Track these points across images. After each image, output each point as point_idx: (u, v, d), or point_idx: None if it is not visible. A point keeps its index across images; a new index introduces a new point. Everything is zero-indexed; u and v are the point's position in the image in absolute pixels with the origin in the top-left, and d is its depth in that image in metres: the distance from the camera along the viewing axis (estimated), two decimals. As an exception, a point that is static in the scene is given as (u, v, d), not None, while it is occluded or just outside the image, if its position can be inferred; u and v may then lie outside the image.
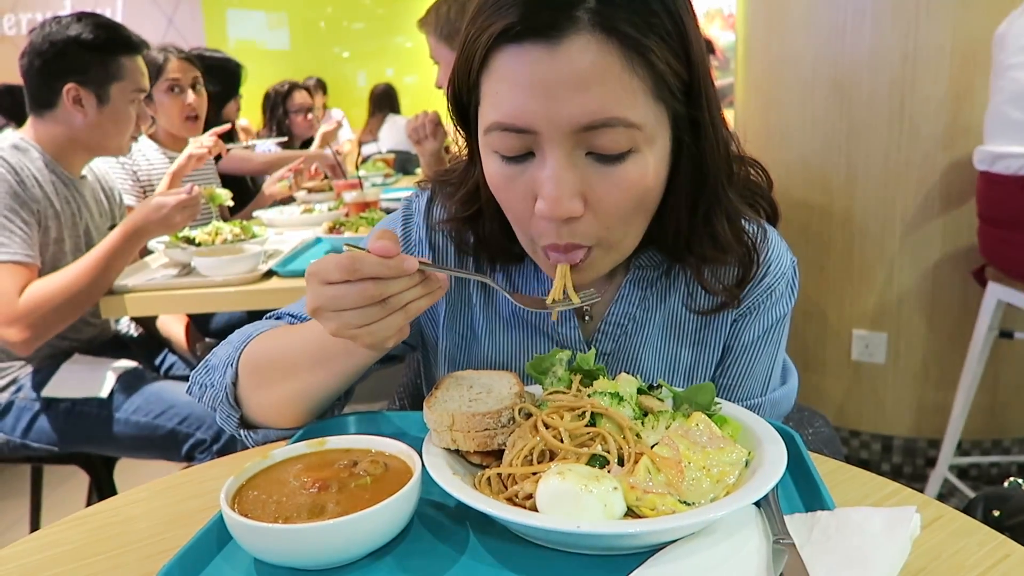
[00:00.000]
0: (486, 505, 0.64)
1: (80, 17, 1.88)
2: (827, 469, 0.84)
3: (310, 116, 4.28)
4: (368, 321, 0.73)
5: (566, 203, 0.75)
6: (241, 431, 0.95)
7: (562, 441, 0.70)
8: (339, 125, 3.73)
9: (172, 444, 1.88)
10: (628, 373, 0.85)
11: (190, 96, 2.70)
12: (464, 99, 0.83)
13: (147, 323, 2.34)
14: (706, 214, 0.87)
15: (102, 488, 2.06)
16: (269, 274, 1.99)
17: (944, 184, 2.54)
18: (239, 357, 0.93)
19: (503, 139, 0.77)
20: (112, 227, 2.00)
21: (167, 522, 0.77)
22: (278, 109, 4.25)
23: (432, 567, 0.66)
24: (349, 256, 0.72)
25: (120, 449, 1.97)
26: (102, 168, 2.18)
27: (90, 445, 1.93)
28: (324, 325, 0.76)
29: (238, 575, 0.66)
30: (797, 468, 0.79)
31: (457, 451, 0.76)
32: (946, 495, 2.62)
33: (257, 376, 0.92)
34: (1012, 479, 1.17)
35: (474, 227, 0.95)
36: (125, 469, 2.21)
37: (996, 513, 1.12)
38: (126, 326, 2.35)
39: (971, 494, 2.52)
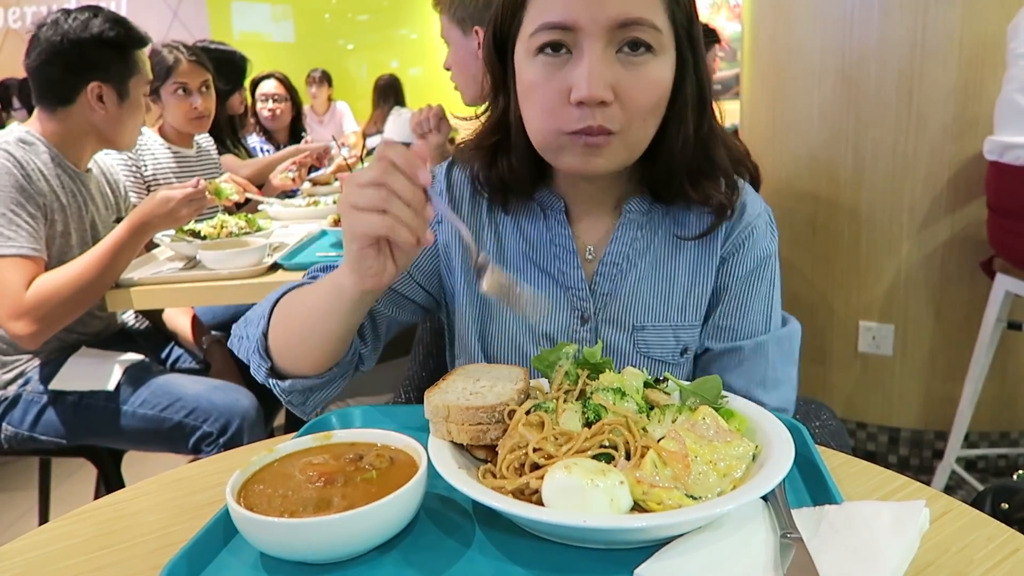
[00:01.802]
0: (491, 499, 0.63)
1: (95, 12, 1.88)
2: (835, 463, 0.83)
3: (272, 106, 4.20)
4: (367, 204, 0.77)
5: (601, 88, 0.88)
6: (270, 380, 1.00)
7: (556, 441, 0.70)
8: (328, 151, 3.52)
9: (179, 437, 1.88)
10: (626, 311, 1.02)
11: (197, 100, 2.68)
12: (505, 27, 0.97)
13: (153, 316, 2.35)
14: (707, 133, 1.00)
15: (109, 481, 2.07)
16: (275, 267, 1.99)
17: (952, 175, 2.52)
18: (271, 309, 1.00)
19: (549, 37, 0.90)
20: (118, 220, 2.00)
21: (174, 515, 0.78)
22: (255, 103, 4.22)
23: (438, 561, 0.66)
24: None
25: (127, 442, 1.97)
26: (107, 161, 2.18)
27: (97, 438, 1.94)
28: (344, 224, 0.80)
29: (245, 569, 0.66)
30: (804, 462, 0.78)
31: (462, 445, 0.76)
32: (954, 487, 2.62)
33: (284, 325, 0.98)
34: (1020, 472, 1.17)
35: (495, 156, 1.04)
36: (133, 462, 2.22)
37: (1005, 506, 1.11)
38: (132, 319, 2.35)
39: (979, 486, 2.51)
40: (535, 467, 0.69)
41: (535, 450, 0.69)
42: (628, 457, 0.69)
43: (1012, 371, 2.64)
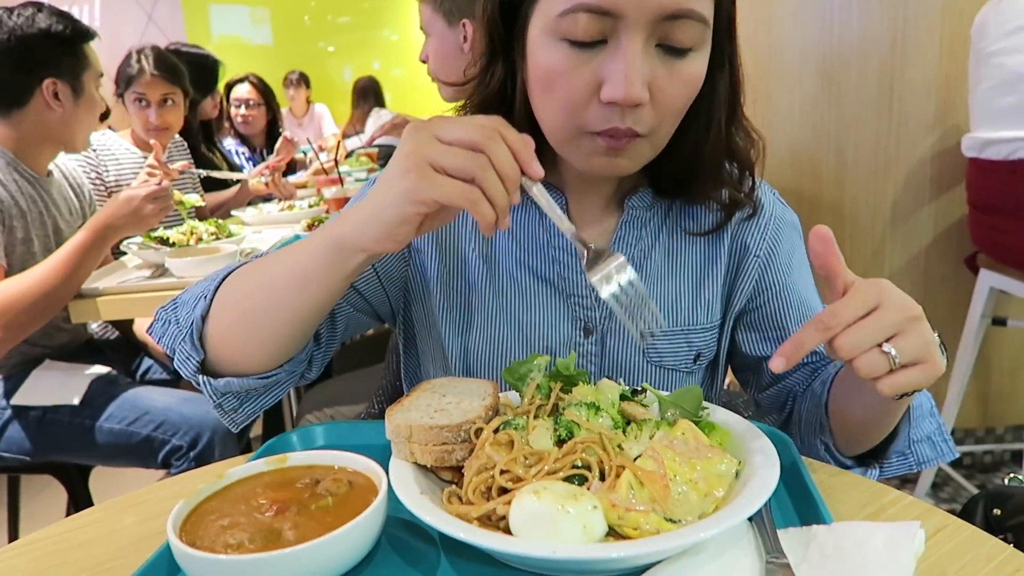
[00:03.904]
0: (454, 529, 0.59)
1: (38, 7, 1.81)
2: (824, 476, 0.79)
3: (246, 112, 4.12)
4: (456, 167, 0.67)
5: (639, 89, 0.78)
6: (200, 376, 0.85)
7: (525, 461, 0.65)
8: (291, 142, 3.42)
9: (148, 451, 1.82)
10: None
11: (153, 113, 2.61)
12: None
13: (123, 326, 2.28)
14: (733, 126, 0.93)
15: (77, 498, 2.00)
16: (246, 274, 1.93)
17: (935, 171, 2.50)
18: (216, 289, 0.85)
19: (584, 21, 0.78)
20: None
21: (120, 548, 0.72)
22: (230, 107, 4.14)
23: (399, 595, 0.61)
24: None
25: (95, 457, 1.91)
26: (69, 165, 2.11)
27: (64, 454, 1.87)
28: (403, 177, 0.68)
29: (190, 607, 0.61)
30: (791, 477, 0.74)
31: (427, 466, 0.71)
32: (940, 484, 2.60)
33: (235, 303, 0.83)
34: (1012, 475, 1.13)
35: None
36: (103, 477, 2.15)
37: (997, 512, 1.07)
38: (101, 330, 2.29)
39: (965, 483, 2.49)
40: (503, 491, 0.64)
41: (502, 472, 0.64)
42: (603, 478, 0.65)
43: (997, 367, 2.63)
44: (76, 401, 1.80)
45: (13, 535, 2.14)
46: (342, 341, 1.02)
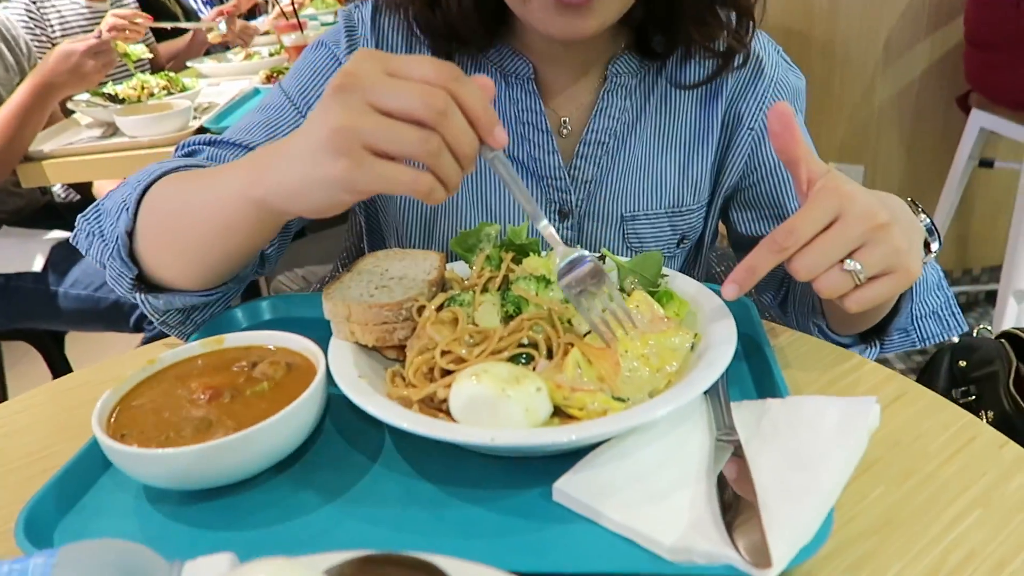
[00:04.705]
0: (391, 416, 0.56)
1: None
2: (785, 340, 0.77)
3: None
4: (401, 150, 0.53)
5: None
6: (138, 294, 0.75)
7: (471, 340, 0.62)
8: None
9: (118, 316, 1.80)
10: (615, 199, 0.86)
11: None
12: None
13: (84, 189, 2.20)
14: None
15: (54, 364, 2.00)
16: (202, 131, 1.83)
17: (933, 6, 2.35)
18: (138, 201, 0.74)
19: None
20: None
21: (55, 434, 0.70)
22: None
23: (340, 479, 0.59)
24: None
25: (65, 323, 1.88)
26: (2, 16, 1.95)
27: (33, 321, 1.85)
28: (335, 159, 0.54)
29: (127, 498, 0.59)
30: (750, 345, 0.71)
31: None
32: (913, 327, 2.63)
33: (160, 227, 0.73)
34: (980, 327, 1.12)
35: (442, 1, 0.83)
36: (83, 342, 2.15)
37: (962, 364, 1.07)
38: (62, 192, 2.20)
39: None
40: (447, 372, 0.61)
41: (444, 353, 0.61)
42: (551, 356, 0.62)
43: (979, 209, 2.60)
44: (38, 267, 1.76)
45: (2, 397, 2.17)
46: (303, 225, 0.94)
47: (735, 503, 0.51)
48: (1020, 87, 1.98)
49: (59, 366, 2.01)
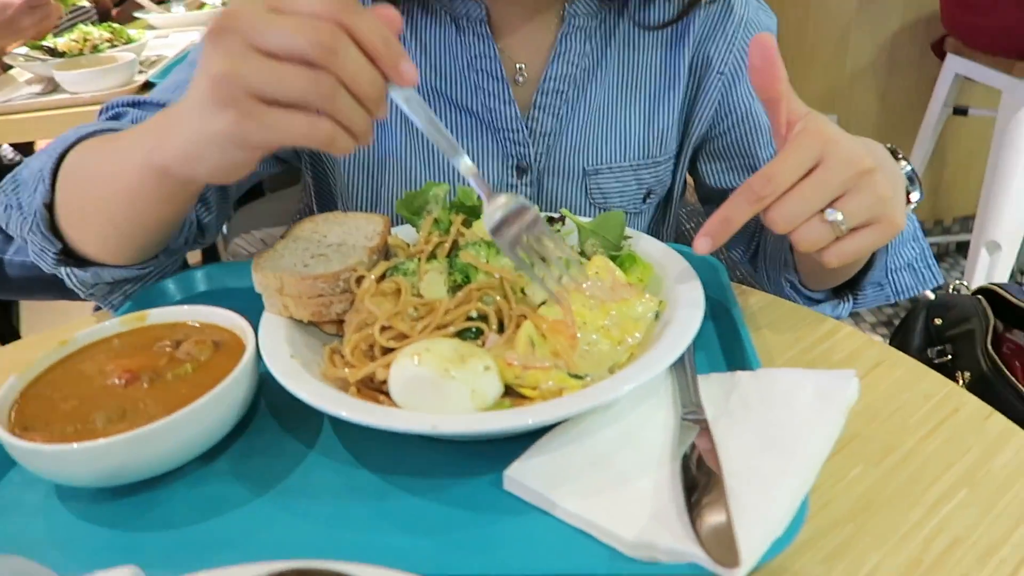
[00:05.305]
0: (323, 400, 0.50)
1: None
2: (758, 304, 0.72)
3: None
4: (291, 96, 0.47)
5: None
6: (63, 268, 0.70)
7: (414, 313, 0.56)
8: None
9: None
10: (576, 152, 0.81)
11: None
12: None
13: (26, 150, 2.08)
14: None
15: (2, 335, 1.91)
16: (147, 87, 1.73)
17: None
18: (53, 171, 0.68)
19: None
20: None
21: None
22: None
23: (272, 469, 0.54)
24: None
25: (12, 292, 1.79)
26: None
27: (-25, 290, 1.76)
28: (224, 110, 0.48)
29: (35, 497, 0.53)
30: (720, 310, 0.67)
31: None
32: (886, 278, 2.62)
33: (77, 198, 0.67)
34: (957, 282, 1.08)
35: None
36: (37, 312, 2.06)
37: (938, 322, 1.04)
38: (9, 153, 2.09)
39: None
40: (388, 351, 0.55)
41: (383, 329, 0.55)
42: (502, 329, 0.56)
43: (953, 158, 2.57)
44: (-24, 234, 1.66)
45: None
46: (245, 190, 0.88)
47: (701, 491, 0.46)
48: (996, 28, 1.93)
49: (7, 337, 1.93)
